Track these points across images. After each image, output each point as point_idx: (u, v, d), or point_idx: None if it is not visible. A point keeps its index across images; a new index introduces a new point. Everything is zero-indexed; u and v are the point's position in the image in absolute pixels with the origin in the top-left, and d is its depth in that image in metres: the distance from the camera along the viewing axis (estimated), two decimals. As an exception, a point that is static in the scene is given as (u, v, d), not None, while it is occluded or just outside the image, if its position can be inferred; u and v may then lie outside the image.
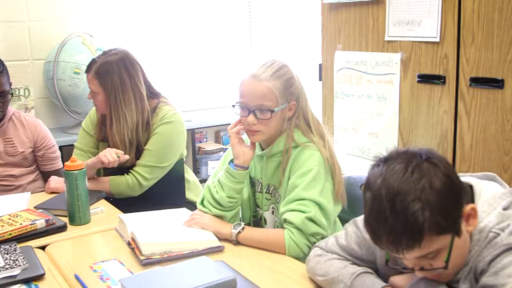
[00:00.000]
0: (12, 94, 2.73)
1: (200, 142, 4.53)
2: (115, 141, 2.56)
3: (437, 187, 1.22)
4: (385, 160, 1.30)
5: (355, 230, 1.56)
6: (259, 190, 2.06)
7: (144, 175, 2.56)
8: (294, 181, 1.89)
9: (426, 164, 1.25)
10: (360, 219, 1.55)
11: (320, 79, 3.22)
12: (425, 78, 2.59)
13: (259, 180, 2.06)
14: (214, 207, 1.97)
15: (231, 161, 1.98)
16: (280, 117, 1.93)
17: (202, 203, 2.01)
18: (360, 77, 2.93)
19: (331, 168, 1.92)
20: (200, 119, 4.23)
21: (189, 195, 2.81)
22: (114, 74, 2.53)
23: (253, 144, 2.00)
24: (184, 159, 2.79)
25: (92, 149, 2.70)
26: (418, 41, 2.60)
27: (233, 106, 1.97)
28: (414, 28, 2.60)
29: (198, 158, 4.37)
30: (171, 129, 2.61)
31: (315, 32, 3.64)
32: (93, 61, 2.58)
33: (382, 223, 1.24)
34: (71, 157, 2.17)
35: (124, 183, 2.56)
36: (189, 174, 2.89)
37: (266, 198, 2.04)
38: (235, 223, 1.92)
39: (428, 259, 1.28)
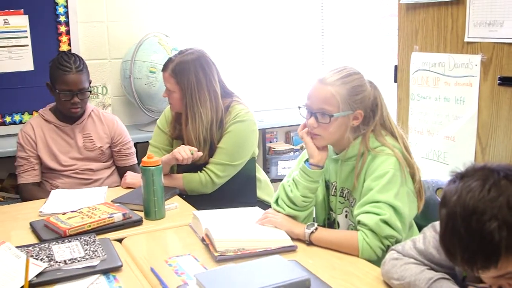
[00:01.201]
0: (90, 91, 2.83)
1: (271, 142, 4.53)
2: (189, 139, 2.60)
3: None
4: (461, 177, 1.27)
5: (433, 235, 1.52)
6: (333, 193, 2.05)
7: (217, 173, 2.59)
8: (369, 183, 1.86)
9: (504, 181, 1.21)
10: (438, 224, 1.51)
11: (396, 80, 3.16)
12: (506, 81, 2.49)
13: (333, 183, 2.04)
14: (288, 206, 1.97)
15: (307, 160, 1.97)
16: (341, 124, 1.91)
17: (276, 202, 2.02)
18: (437, 79, 2.85)
19: (410, 172, 1.88)
20: (271, 119, 4.22)
21: (260, 194, 2.82)
22: (190, 73, 2.56)
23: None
24: (256, 158, 2.80)
25: (166, 147, 2.75)
26: (500, 42, 2.50)
27: (299, 107, 1.97)
28: (496, 29, 2.51)
29: (268, 158, 4.38)
30: (243, 128, 2.62)
31: (391, 32, 3.57)
32: (170, 60, 2.63)
33: (456, 241, 1.22)
34: (148, 154, 2.22)
35: (197, 180, 2.59)
36: (260, 173, 2.89)
37: (340, 202, 2.02)
38: (309, 223, 1.92)
39: (507, 279, 1.23)
